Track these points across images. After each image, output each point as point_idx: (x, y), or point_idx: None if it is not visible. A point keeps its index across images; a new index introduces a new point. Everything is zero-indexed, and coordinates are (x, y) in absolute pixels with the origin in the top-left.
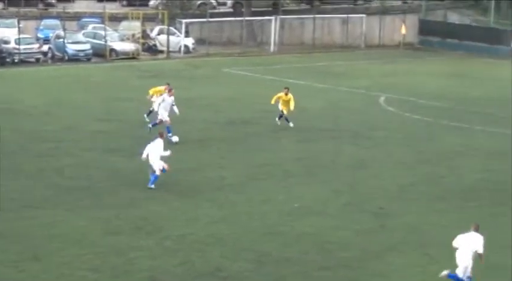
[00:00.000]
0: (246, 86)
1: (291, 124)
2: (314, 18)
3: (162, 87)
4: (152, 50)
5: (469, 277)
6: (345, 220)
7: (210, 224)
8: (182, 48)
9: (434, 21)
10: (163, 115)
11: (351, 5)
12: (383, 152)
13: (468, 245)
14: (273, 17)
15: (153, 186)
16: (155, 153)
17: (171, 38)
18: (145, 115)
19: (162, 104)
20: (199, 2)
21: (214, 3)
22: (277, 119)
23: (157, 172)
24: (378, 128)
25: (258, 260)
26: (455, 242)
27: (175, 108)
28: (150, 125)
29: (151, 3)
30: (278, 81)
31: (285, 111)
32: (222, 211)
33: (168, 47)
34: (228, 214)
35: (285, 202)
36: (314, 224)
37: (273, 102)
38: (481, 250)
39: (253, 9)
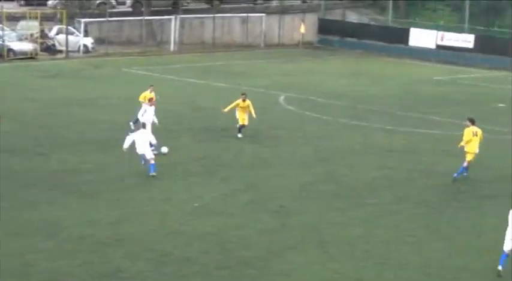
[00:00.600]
0: (146, 85)
1: (240, 135)
2: (214, 18)
3: (148, 91)
4: (51, 49)
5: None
6: (246, 219)
7: (111, 224)
8: (81, 48)
9: (333, 20)
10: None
11: (251, 5)
12: (283, 150)
13: None
14: (172, 17)
15: (155, 173)
16: (142, 142)
17: (70, 37)
18: (131, 123)
19: (145, 115)
20: (98, 2)
21: (114, 3)
22: (239, 134)
23: (150, 158)
24: (278, 127)
25: (159, 260)
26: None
27: (154, 118)
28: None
29: (49, 2)
30: (178, 80)
31: (245, 122)
32: (123, 211)
33: (67, 46)
34: (128, 214)
35: (186, 201)
36: (215, 224)
37: (226, 110)
38: None
39: (152, 8)
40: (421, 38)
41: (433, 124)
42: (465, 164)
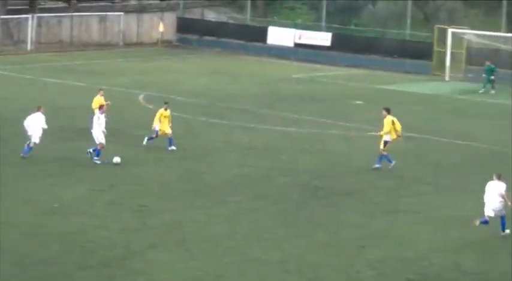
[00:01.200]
0: (2, 85)
1: (173, 147)
2: (72, 17)
3: (98, 96)
4: None
5: (503, 215)
6: (106, 218)
7: None
8: None
9: (191, 19)
10: (100, 138)
11: (109, 3)
12: (143, 150)
13: (494, 190)
14: (29, 15)
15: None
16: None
17: None
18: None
19: (98, 123)
20: None
21: None
22: (146, 139)
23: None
24: (137, 126)
25: (20, 261)
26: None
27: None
28: (90, 150)
29: None
30: (35, 80)
31: (166, 131)
32: None
33: None
34: None
35: (45, 202)
36: (76, 224)
37: (155, 123)
38: (503, 192)
39: (8, 7)
40: (280, 36)
41: (291, 122)
42: (384, 152)
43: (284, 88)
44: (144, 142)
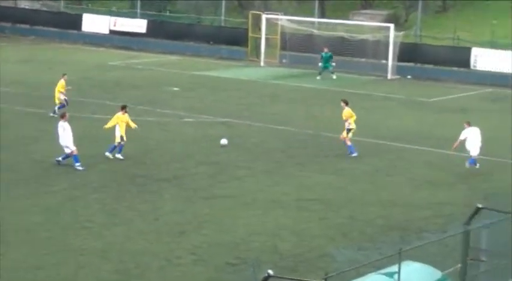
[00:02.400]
0: None
1: (120, 156)
2: None
3: (62, 80)
4: None
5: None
6: None
7: None
8: None
9: (4, 6)
10: (70, 145)
11: None
12: None
13: (474, 133)
14: None
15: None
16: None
17: None
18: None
19: (64, 133)
20: None
21: None
22: (108, 153)
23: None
24: None
25: None
26: (463, 135)
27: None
28: (60, 159)
29: None
30: None
31: (124, 138)
32: None
33: None
34: None
35: None
36: None
37: (108, 126)
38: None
39: None
40: (94, 23)
41: (108, 109)
42: (349, 143)
43: (100, 75)
44: (120, 157)
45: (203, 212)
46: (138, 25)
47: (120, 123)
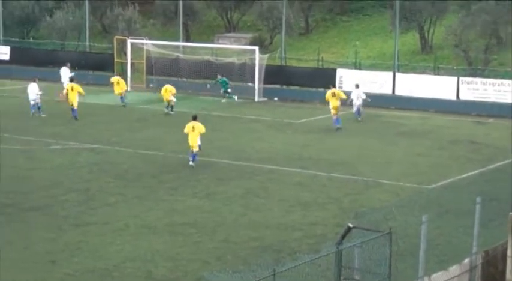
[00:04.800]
0: None
1: None
2: None
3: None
4: None
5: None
6: None
7: None
8: None
9: None
10: None
11: None
12: None
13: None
14: None
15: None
16: None
17: None
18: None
19: None
20: None
21: None
22: None
23: None
24: None
25: None
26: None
27: None
28: None
29: None
30: None
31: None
32: None
33: None
34: None
35: None
36: None
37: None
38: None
39: None
40: None
41: None
42: (335, 117)
43: None
44: None
45: (75, 240)
46: (2, 52)
47: None
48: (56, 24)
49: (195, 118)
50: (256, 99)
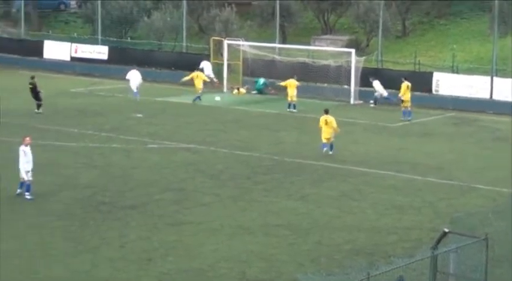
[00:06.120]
0: None
1: None
2: None
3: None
4: None
5: None
6: None
7: None
8: None
9: None
10: (25, 174)
11: None
12: None
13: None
14: None
15: None
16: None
17: None
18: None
19: (24, 159)
20: None
21: None
22: None
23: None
24: None
25: None
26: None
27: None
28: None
29: None
30: None
31: None
32: None
33: None
34: None
35: None
36: None
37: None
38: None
39: None
40: (56, 50)
41: (71, 137)
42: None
43: (62, 102)
44: None
45: (170, 239)
46: (100, 51)
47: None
48: (154, 25)
49: (326, 112)
50: (351, 102)
